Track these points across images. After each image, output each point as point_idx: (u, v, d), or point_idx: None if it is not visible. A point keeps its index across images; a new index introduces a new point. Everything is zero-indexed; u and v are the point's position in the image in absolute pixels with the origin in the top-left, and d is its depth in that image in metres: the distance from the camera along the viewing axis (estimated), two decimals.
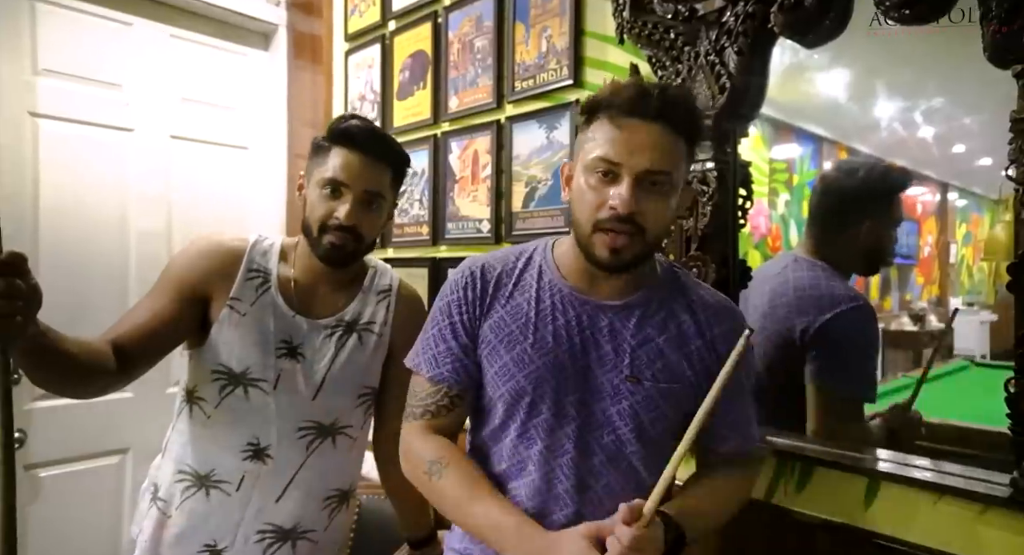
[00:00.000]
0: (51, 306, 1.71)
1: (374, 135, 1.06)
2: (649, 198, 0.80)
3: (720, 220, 1.16)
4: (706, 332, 0.89)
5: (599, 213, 0.81)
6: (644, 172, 0.79)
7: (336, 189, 1.02)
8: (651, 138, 0.80)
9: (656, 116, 0.80)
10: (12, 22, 1.72)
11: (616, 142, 0.80)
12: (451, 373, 0.89)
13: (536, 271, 0.92)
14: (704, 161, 1.15)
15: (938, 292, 2.73)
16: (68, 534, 1.79)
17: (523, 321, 0.88)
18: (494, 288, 0.91)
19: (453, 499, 0.85)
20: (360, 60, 2.08)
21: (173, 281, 1.04)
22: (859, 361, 1.25)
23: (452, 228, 1.74)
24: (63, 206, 1.80)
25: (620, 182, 0.80)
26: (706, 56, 1.13)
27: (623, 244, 0.80)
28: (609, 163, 0.80)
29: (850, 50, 1.28)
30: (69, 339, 0.87)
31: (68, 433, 1.79)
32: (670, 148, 0.81)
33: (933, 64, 1.59)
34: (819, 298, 1.26)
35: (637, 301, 0.89)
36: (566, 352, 0.86)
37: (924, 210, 2.69)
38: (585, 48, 1.45)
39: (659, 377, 0.85)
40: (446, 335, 0.90)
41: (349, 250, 1.04)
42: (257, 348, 1.04)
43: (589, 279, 0.89)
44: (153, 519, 1.09)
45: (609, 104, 0.82)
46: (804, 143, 2.46)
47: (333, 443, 1.10)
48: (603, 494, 0.84)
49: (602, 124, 0.82)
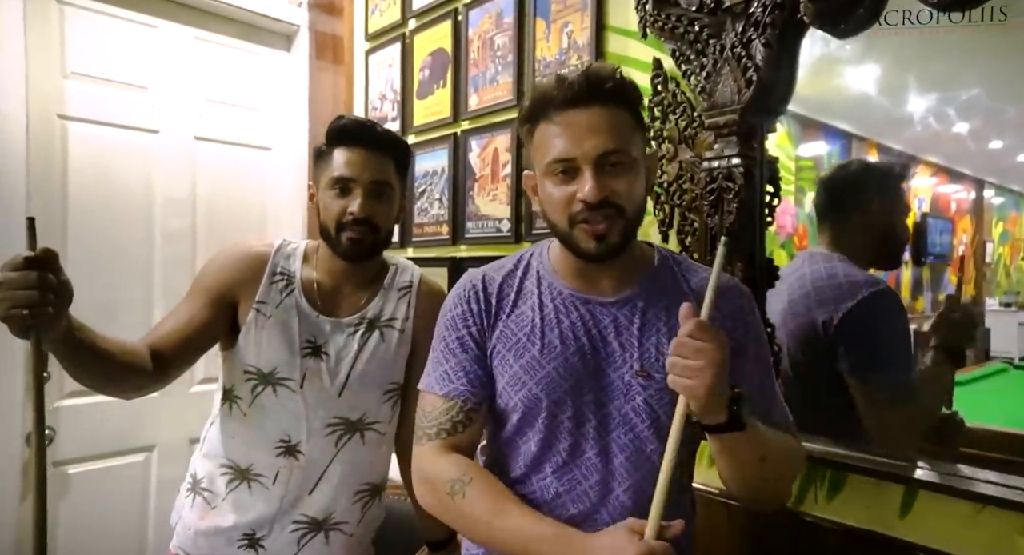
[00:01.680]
0: (79, 305, 1.75)
1: (370, 128, 1.09)
2: (615, 178, 0.80)
3: (746, 217, 1.12)
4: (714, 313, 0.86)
5: (572, 208, 0.81)
6: (599, 156, 0.79)
7: (344, 186, 1.05)
8: (593, 120, 0.80)
9: (588, 98, 0.80)
10: (42, 26, 1.75)
11: (562, 138, 0.80)
12: (465, 386, 0.87)
13: (535, 277, 0.91)
14: (730, 157, 1.12)
15: (973, 292, 2.64)
16: (96, 530, 1.82)
17: (529, 328, 0.87)
18: (497, 299, 0.90)
19: (480, 517, 0.80)
20: (380, 59, 2.08)
21: (204, 287, 1.09)
22: (892, 346, 1.20)
23: (472, 227, 1.73)
24: (91, 207, 1.83)
25: (581, 174, 0.80)
26: (732, 49, 1.10)
27: (606, 228, 0.80)
28: (564, 161, 0.81)
29: (881, 41, 1.24)
30: (107, 338, 0.92)
31: (95, 431, 1.82)
32: (615, 124, 0.80)
33: (969, 56, 1.53)
34: (837, 287, 1.22)
35: (637, 293, 0.87)
36: (575, 354, 0.84)
37: (958, 208, 2.60)
38: (607, 43, 1.42)
39: None
40: (455, 350, 0.89)
41: (368, 243, 1.07)
42: (283, 349, 1.07)
43: (587, 278, 0.88)
44: (198, 508, 1.12)
45: (540, 105, 0.82)
46: (832, 140, 2.39)
47: (362, 439, 1.12)
48: (625, 498, 0.82)
49: (543, 128, 0.83)
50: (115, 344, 0.91)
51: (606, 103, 0.80)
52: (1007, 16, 0.92)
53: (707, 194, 1.14)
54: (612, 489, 0.82)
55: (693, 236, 1.25)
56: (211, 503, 1.10)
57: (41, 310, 0.74)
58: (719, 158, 1.12)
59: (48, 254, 0.76)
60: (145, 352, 0.96)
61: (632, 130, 0.83)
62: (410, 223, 1.93)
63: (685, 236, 1.27)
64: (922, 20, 1.00)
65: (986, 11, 0.92)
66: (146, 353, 0.96)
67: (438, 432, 0.86)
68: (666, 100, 1.30)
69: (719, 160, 1.12)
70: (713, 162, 1.13)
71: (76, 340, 0.84)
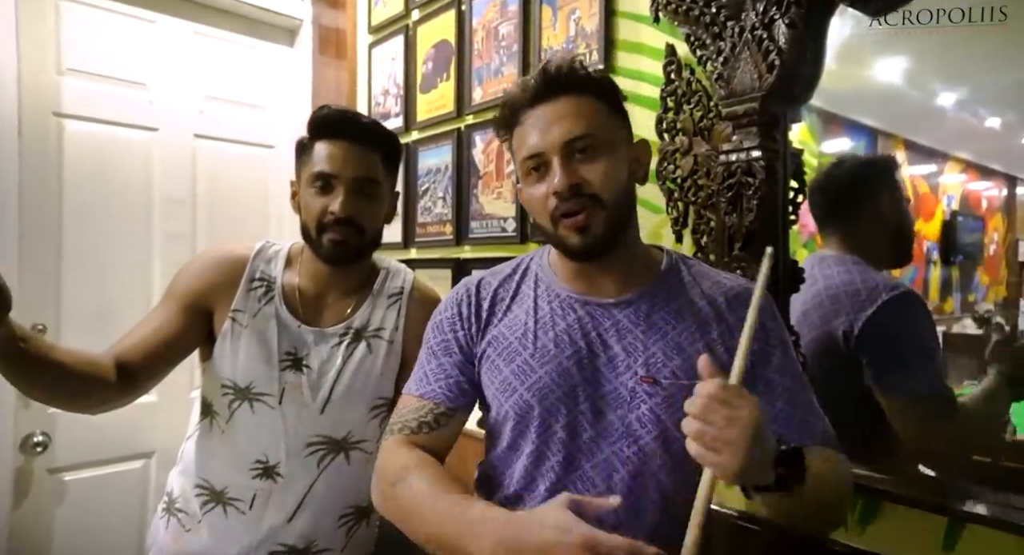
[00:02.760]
0: (75, 308, 1.70)
1: (353, 119, 1.00)
2: (586, 164, 0.76)
3: (768, 215, 1.02)
4: (727, 316, 0.79)
5: (549, 205, 0.77)
6: (564, 144, 0.76)
7: (326, 183, 0.97)
8: (555, 111, 0.77)
9: (548, 92, 0.78)
10: (37, 21, 1.71)
11: (530, 135, 0.78)
12: (441, 390, 0.82)
13: (533, 280, 0.85)
14: (749, 149, 1.02)
15: (1005, 293, 2.52)
16: (92, 538, 1.77)
17: (521, 332, 0.81)
18: (490, 304, 0.85)
19: (416, 504, 0.73)
20: (383, 53, 2.01)
21: (178, 293, 1.01)
22: (920, 353, 1.10)
23: (476, 227, 1.65)
24: (87, 207, 1.78)
25: (552, 167, 0.77)
26: (752, 31, 1.00)
27: (585, 220, 0.76)
28: (534, 157, 0.77)
29: (908, 30, 1.15)
30: (60, 349, 0.84)
31: (92, 437, 1.77)
32: (581, 111, 0.77)
33: (1001, 46, 1.43)
34: (855, 293, 1.12)
35: (643, 294, 0.80)
36: (570, 358, 0.77)
37: (990, 206, 2.49)
38: (617, 30, 1.33)
39: (679, 374, 0.75)
40: (437, 352, 0.85)
41: (353, 245, 0.98)
42: (260, 361, 0.99)
43: (587, 279, 0.82)
44: (172, 530, 1.04)
45: (511, 113, 0.81)
46: (856, 136, 2.29)
47: (347, 459, 1.03)
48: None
49: (516, 133, 0.81)
50: (72, 355, 0.84)
51: (569, 92, 0.78)
52: (1007, 16, 0.91)
53: (724, 190, 1.05)
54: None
55: (709, 236, 1.16)
56: (185, 525, 1.03)
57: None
58: (738, 151, 1.03)
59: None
60: (108, 363, 0.89)
61: (603, 115, 0.79)
62: (413, 223, 1.86)
63: (701, 236, 1.17)
64: (922, 20, 0.97)
65: (986, 11, 0.92)
66: (110, 364, 0.89)
67: (401, 428, 0.83)
68: (680, 89, 1.20)
69: (738, 153, 1.03)
70: (731, 155, 1.04)
71: (19, 351, 0.76)
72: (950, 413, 1.06)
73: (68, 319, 1.72)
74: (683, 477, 0.74)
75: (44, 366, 0.81)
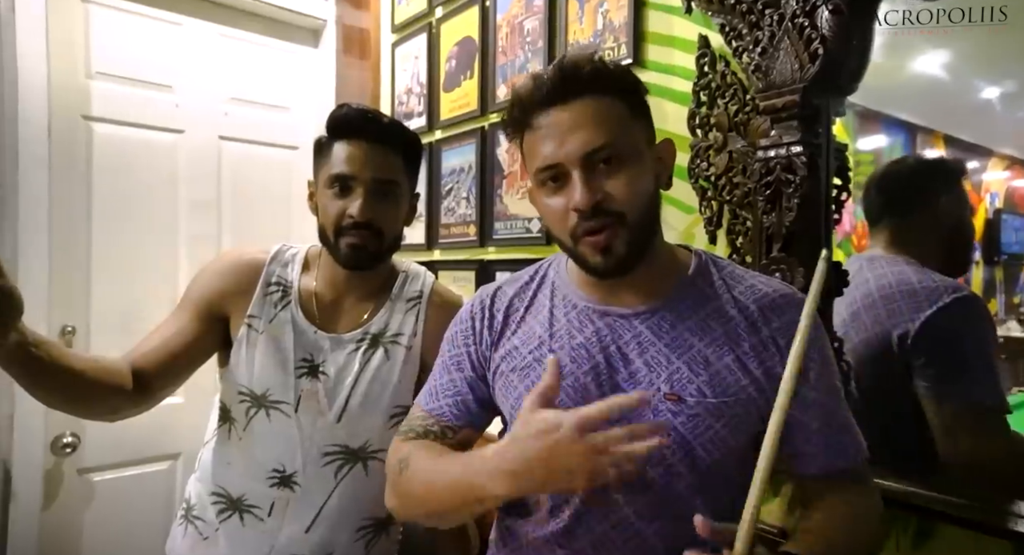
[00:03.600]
0: (104, 309, 1.71)
1: (374, 119, 0.97)
2: (608, 178, 0.69)
3: (810, 215, 0.96)
4: (761, 327, 0.72)
5: (568, 222, 0.71)
6: (584, 156, 0.69)
7: (344, 185, 0.94)
8: (572, 117, 0.70)
9: (565, 93, 0.70)
10: (67, 26, 1.72)
11: (545, 144, 0.71)
12: (448, 408, 0.80)
13: (549, 288, 0.80)
14: (789, 144, 0.96)
15: None
16: (120, 538, 1.79)
17: (536, 345, 0.76)
18: (504, 316, 0.81)
19: (423, 477, 0.73)
20: (407, 52, 1.98)
21: (193, 300, 0.99)
22: (978, 360, 1.01)
23: (500, 228, 1.61)
24: (115, 209, 1.80)
25: (571, 179, 0.70)
26: (793, 19, 0.94)
27: (606, 241, 0.69)
28: (550, 169, 0.70)
29: (951, 22, 1.09)
30: (75, 355, 0.83)
31: (120, 438, 1.78)
32: (602, 115, 0.70)
33: None
34: (912, 294, 1.04)
35: (667, 303, 0.74)
36: (588, 373, 0.72)
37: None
38: (647, 22, 1.28)
39: (706, 391, 0.69)
40: (450, 367, 0.82)
41: (371, 250, 0.95)
42: (276, 368, 0.97)
43: (607, 288, 0.76)
44: (190, 538, 1.03)
45: (520, 113, 0.73)
46: (893, 132, 2.19)
47: (365, 469, 1.00)
48: (655, 541, 0.69)
49: (528, 136, 0.74)
50: (86, 362, 0.83)
51: (588, 95, 0.70)
52: (1007, 16, 0.89)
53: (762, 188, 0.99)
54: (638, 531, 0.70)
55: (745, 237, 1.10)
56: (203, 533, 1.01)
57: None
58: (776, 146, 0.97)
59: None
60: (124, 370, 0.87)
61: (626, 119, 0.72)
62: (436, 224, 1.83)
63: (736, 236, 1.11)
64: (922, 20, 0.94)
65: (986, 11, 0.89)
66: (126, 371, 0.87)
67: (408, 431, 0.82)
68: (713, 82, 1.14)
69: (776, 149, 0.97)
70: (769, 151, 0.98)
71: (32, 357, 0.75)
72: (1003, 430, 0.99)
73: (97, 321, 1.74)
74: (712, 496, 0.70)
75: (59, 372, 0.79)
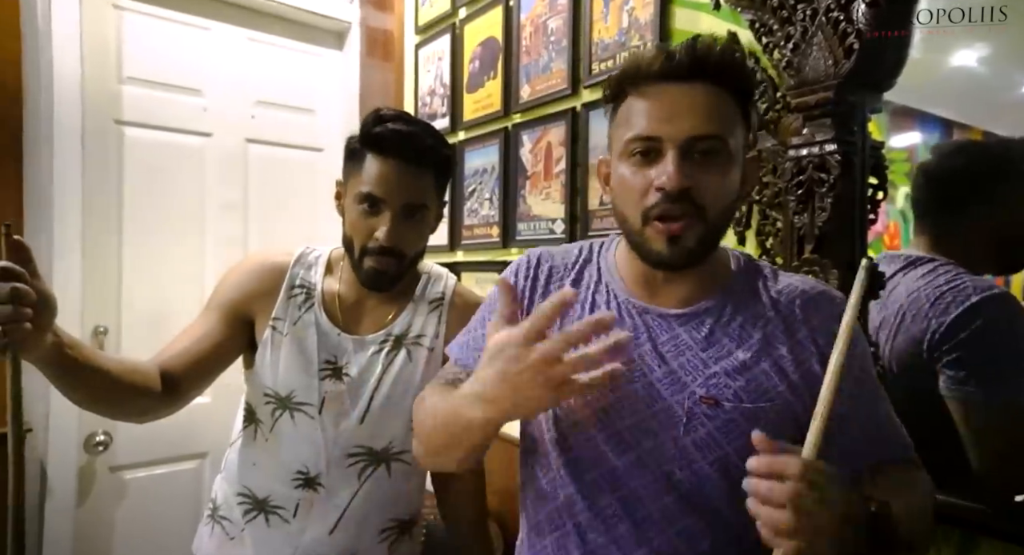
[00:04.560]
0: (135, 310, 1.74)
1: (410, 139, 0.94)
2: (702, 169, 0.66)
3: (844, 215, 0.93)
4: (799, 328, 0.70)
5: (646, 200, 0.68)
6: (689, 139, 0.67)
7: (374, 204, 0.93)
8: (690, 100, 0.67)
9: (690, 74, 0.68)
10: (100, 32, 1.76)
11: (649, 114, 0.68)
12: (476, 361, 0.78)
13: (596, 271, 0.79)
14: (823, 143, 0.93)
15: None
16: (151, 535, 1.82)
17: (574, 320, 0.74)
18: (546, 279, 0.79)
19: (428, 411, 0.75)
20: (430, 53, 1.98)
21: (219, 302, 1.00)
22: (1011, 359, 0.97)
23: (523, 229, 1.60)
24: (145, 211, 1.83)
25: (663, 158, 0.67)
26: (827, 13, 0.91)
27: (680, 230, 0.67)
28: (646, 140, 0.68)
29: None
30: (106, 357, 0.84)
31: (151, 437, 1.81)
32: (717, 108, 0.68)
33: None
34: (940, 297, 1.00)
35: (708, 308, 0.73)
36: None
37: None
38: (673, 19, 1.26)
39: (743, 396, 0.68)
40: (486, 320, 0.80)
41: (392, 274, 0.97)
42: (300, 370, 0.97)
43: (650, 285, 0.74)
44: (216, 538, 1.04)
45: (634, 76, 0.70)
46: (928, 129, 2.11)
47: (388, 470, 1.00)
48: (678, 543, 0.68)
49: (631, 103, 0.71)
50: (117, 363, 0.84)
51: (711, 81, 0.68)
52: (1007, 16, 0.88)
53: (793, 188, 0.96)
54: (661, 529, 0.68)
55: (775, 238, 1.07)
56: (229, 533, 1.02)
57: (16, 326, 0.67)
58: (809, 145, 0.94)
59: (23, 256, 0.69)
60: (154, 372, 0.88)
61: (736, 118, 0.70)
62: (459, 225, 1.82)
63: (765, 238, 1.09)
64: (922, 20, 0.92)
65: (986, 11, 0.89)
66: (155, 373, 0.88)
67: (437, 380, 0.83)
68: None
69: (809, 147, 0.94)
70: (801, 150, 0.95)
71: (67, 358, 0.76)
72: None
73: (128, 321, 1.77)
74: (742, 504, 0.68)
75: (91, 373, 0.81)
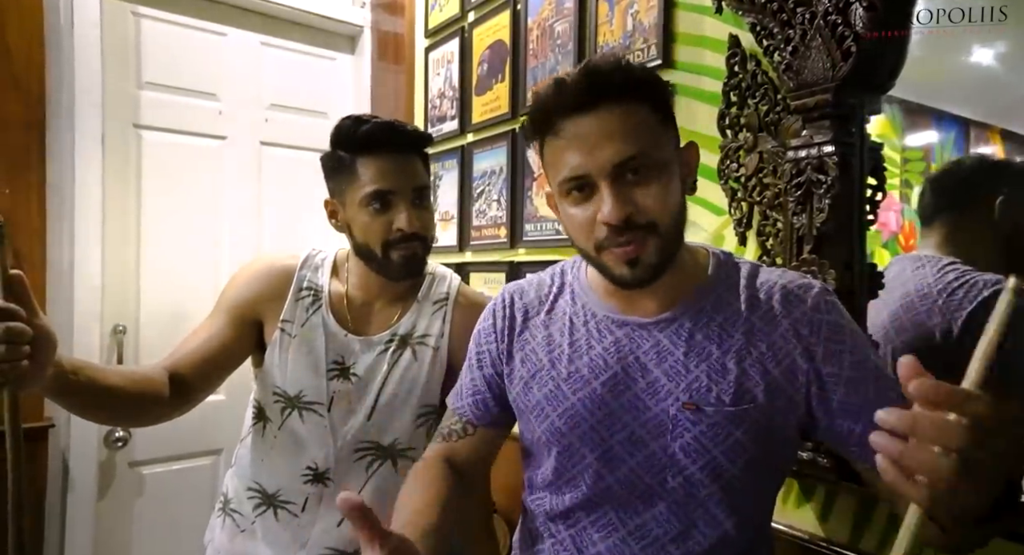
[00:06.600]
0: (153, 310, 1.80)
1: (399, 130, 0.99)
2: (640, 187, 0.67)
3: (842, 215, 0.94)
4: (781, 320, 0.71)
5: (596, 233, 0.69)
6: (615, 168, 0.66)
7: (384, 200, 0.96)
8: (601, 126, 0.67)
9: (593, 100, 0.67)
10: (120, 38, 1.81)
11: (569, 152, 0.68)
12: (469, 407, 0.84)
13: (569, 295, 0.80)
14: (821, 144, 0.94)
15: None
16: (168, 529, 1.87)
17: (556, 354, 0.77)
18: (523, 317, 0.82)
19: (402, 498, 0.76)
20: (439, 56, 2.01)
21: (227, 305, 1.03)
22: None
23: (530, 230, 1.62)
24: (162, 216, 1.88)
25: (598, 190, 0.68)
26: (825, 16, 0.92)
27: (635, 251, 0.67)
28: (576, 180, 0.68)
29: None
30: (113, 372, 0.85)
31: (167, 434, 1.84)
32: (631, 124, 0.67)
33: None
34: (953, 292, 1.01)
35: (685, 311, 0.73)
36: (605, 384, 0.73)
37: None
38: (677, 23, 1.27)
39: (725, 400, 0.68)
40: (473, 365, 0.85)
41: (421, 256, 1.00)
42: (309, 371, 1.00)
43: (625, 296, 0.75)
44: (228, 530, 1.07)
45: (542, 118, 0.70)
46: (945, 128, 2.09)
47: (394, 465, 1.03)
48: (671, 547, 0.70)
49: (550, 144, 0.71)
50: (124, 377, 0.85)
51: (616, 102, 0.67)
52: (1007, 16, 0.89)
53: (793, 189, 0.97)
54: (655, 539, 0.70)
55: (776, 238, 1.08)
56: (240, 526, 1.05)
57: (12, 365, 0.65)
58: (808, 146, 0.95)
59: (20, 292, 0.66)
60: (162, 378, 0.90)
61: (655, 126, 0.69)
62: (468, 226, 1.85)
63: (766, 238, 1.10)
64: (922, 20, 0.92)
65: (986, 11, 0.89)
66: (163, 379, 0.90)
67: (438, 434, 0.87)
68: (744, 82, 1.13)
69: (808, 148, 0.95)
70: (800, 151, 0.96)
71: (71, 385, 0.77)
72: None
73: (147, 320, 1.83)
74: (735, 506, 0.70)
75: (99, 394, 0.81)
